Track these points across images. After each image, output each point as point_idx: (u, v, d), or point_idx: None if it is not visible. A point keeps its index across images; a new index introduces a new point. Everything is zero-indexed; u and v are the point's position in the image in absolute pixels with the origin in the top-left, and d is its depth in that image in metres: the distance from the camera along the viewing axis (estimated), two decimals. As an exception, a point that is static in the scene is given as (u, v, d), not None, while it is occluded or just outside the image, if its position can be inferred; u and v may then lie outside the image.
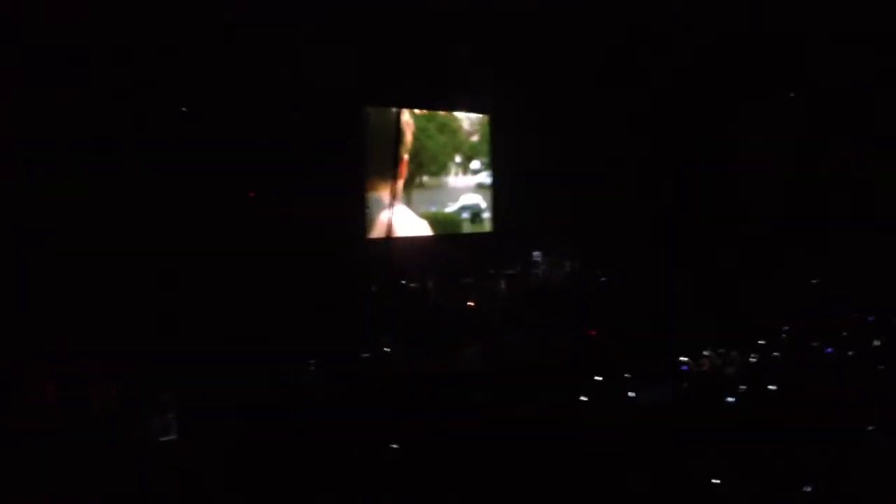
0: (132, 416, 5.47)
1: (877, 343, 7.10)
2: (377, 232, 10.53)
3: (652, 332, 7.73)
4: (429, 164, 11.40)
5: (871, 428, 5.23)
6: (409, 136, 11.06)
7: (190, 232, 7.96)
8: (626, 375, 6.59)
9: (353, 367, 7.18)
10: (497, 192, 11.94)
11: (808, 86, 10.59)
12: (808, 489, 4.46)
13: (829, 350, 6.94)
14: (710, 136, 11.20)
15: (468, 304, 9.40)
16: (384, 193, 10.66)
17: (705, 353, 6.96)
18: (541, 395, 6.23)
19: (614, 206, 11.24)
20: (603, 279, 10.36)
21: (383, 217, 10.60)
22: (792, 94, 10.86)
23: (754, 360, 6.91)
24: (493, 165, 11.95)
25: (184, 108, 8.30)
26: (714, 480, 4.57)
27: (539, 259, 10.82)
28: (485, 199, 11.98)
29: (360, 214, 10.36)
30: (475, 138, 12.04)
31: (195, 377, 6.02)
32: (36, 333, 6.29)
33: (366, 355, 7.51)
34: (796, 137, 10.71)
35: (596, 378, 6.53)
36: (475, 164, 11.95)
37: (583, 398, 6.21)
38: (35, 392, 5.68)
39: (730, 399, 6.10)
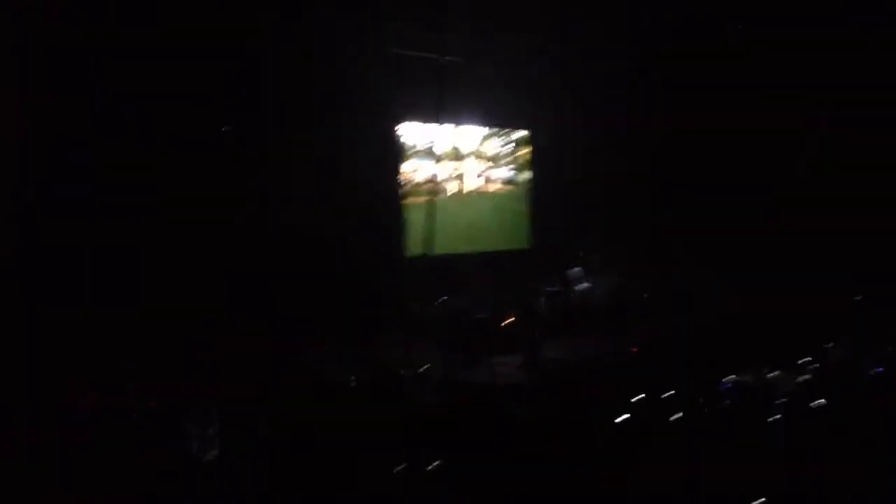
0: (172, 432, 5.50)
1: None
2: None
3: (694, 350, 7.61)
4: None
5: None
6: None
7: (233, 246, 8.10)
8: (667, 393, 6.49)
9: (395, 383, 7.19)
10: (536, 207, 11.91)
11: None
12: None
13: (880, 369, 6.76)
14: (756, 147, 11.02)
15: (508, 319, 9.36)
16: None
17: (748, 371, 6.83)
18: (580, 412, 6.17)
19: (658, 221, 11.14)
20: (646, 295, 10.23)
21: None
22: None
23: (801, 378, 6.76)
24: (534, 181, 11.93)
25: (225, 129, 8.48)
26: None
27: (579, 275, 10.73)
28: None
29: (400, 230, 10.42)
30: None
31: (235, 393, 6.09)
32: (73, 344, 6.41)
33: (405, 372, 7.53)
34: (841, 146, 10.47)
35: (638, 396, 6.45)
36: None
37: (624, 416, 6.14)
38: (73, 402, 5.75)
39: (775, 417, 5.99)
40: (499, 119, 11.64)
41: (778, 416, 5.97)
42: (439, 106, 10.61)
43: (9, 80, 7.16)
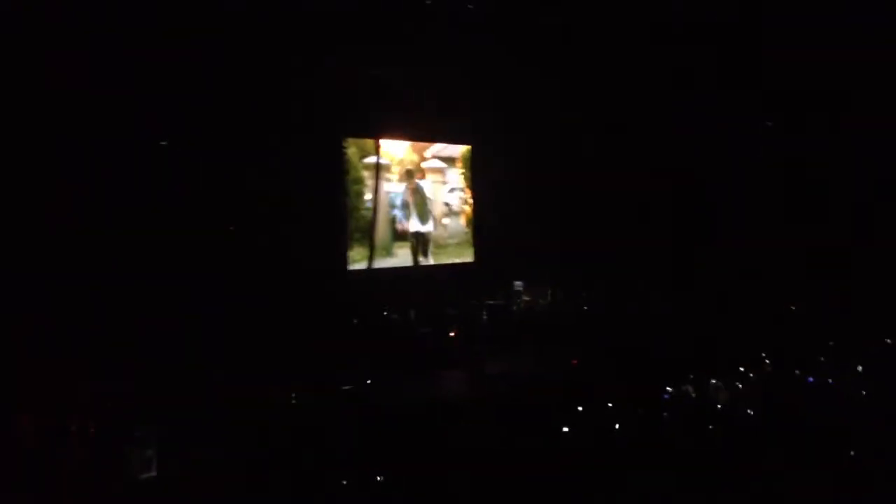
0: (110, 453, 5.36)
1: (858, 369, 7.11)
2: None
3: (634, 361, 7.72)
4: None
5: (852, 453, 5.23)
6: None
7: (172, 259, 7.95)
8: (608, 405, 6.56)
9: (336, 398, 7.12)
10: (478, 221, 11.97)
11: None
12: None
13: (810, 379, 6.95)
14: (695, 160, 11.24)
15: (450, 333, 9.37)
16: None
17: (688, 381, 6.95)
18: (523, 425, 6.19)
19: (596, 233, 11.29)
20: (585, 307, 10.36)
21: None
22: (769, 123, 10.94)
23: (738, 387, 6.90)
24: (474, 195, 11.99)
25: (163, 143, 8.32)
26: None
27: (521, 288, 10.82)
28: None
29: (343, 244, 10.36)
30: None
31: (174, 410, 5.95)
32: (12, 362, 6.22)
33: (347, 387, 7.45)
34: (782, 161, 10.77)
35: (578, 408, 6.51)
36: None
37: (565, 429, 6.18)
38: (13, 427, 5.58)
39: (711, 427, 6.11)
40: (443, 134, 11.67)
41: (714, 426, 6.10)
42: (383, 120, 10.65)
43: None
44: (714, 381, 6.97)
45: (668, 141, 11.18)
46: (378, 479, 5.11)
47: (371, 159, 10.79)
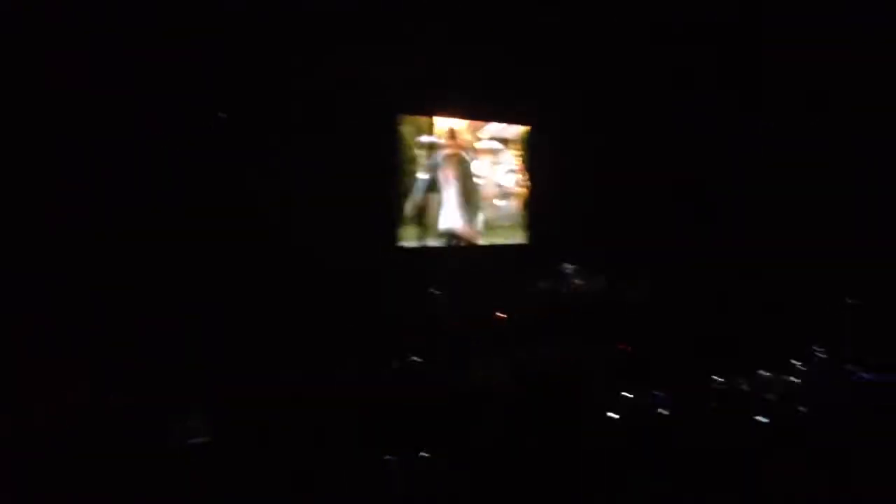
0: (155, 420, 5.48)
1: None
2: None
3: (687, 350, 7.62)
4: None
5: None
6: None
7: (212, 233, 8.08)
8: (655, 393, 6.49)
9: (384, 376, 7.17)
10: (532, 203, 11.89)
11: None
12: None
13: (868, 376, 6.75)
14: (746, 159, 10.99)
15: (499, 315, 9.35)
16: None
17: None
18: (568, 410, 6.17)
19: (653, 220, 11.14)
20: (638, 294, 10.22)
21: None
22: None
23: (793, 381, 6.77)
24: (531, 177, 11.90)
25: (222, 115, 8.44)
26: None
27: (571, 272, 10.73)
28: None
29: (392, 220, 10.39)
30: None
31: (222, 382, 6.07)
32: (48, 333, 6.37)
33: (396, 365, 7.51)
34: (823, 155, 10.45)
35: (626, 394, 6.46)
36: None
37: (612, 415, 6.14)
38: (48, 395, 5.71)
39: (762, 419, 6.02)
40: (499, 113, 11.60)
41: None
42: (437, 98, 10.62)
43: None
44: (766, 374, 6.85)
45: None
46: (424, 455, 5.15)
47: (425, 138, 10.76)
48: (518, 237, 11.82)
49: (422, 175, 10.70)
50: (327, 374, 6.73)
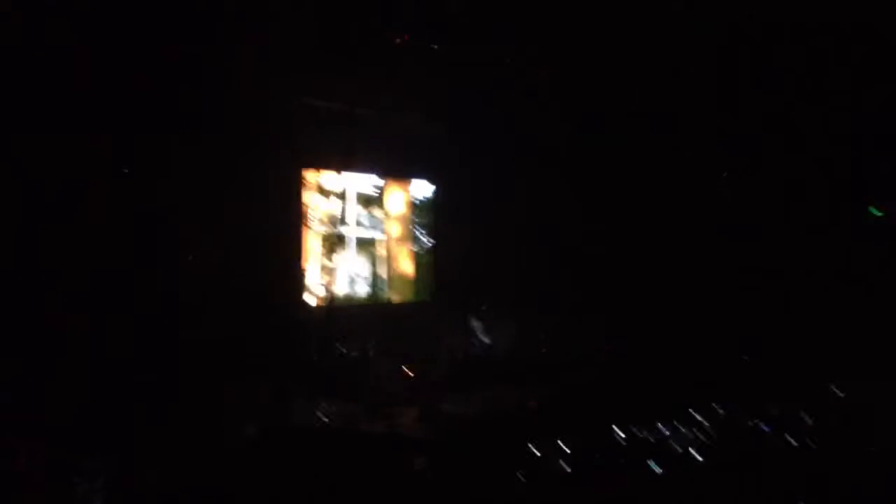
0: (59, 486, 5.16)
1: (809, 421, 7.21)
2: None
3: (593, 403, 7.75)
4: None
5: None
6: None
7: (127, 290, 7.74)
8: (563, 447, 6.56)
9: (292, 433, 7.00)
10: (439, 260, 11.96)
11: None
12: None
13: (767, 428, 7.02)
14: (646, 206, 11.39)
15: (407, 371, 9.29)
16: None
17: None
18: (478, 467, 6.16)
19: (556, 273, 11.36)
20: (544, 350, 10.37)
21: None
22: (725, 174, 11.17)
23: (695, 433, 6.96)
24: (437, 234, 12.00)
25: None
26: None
27: (479, 327, 10.80)
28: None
29: (297, 276, 10.23)
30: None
31: (123, 442, 5.78)
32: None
33: (302, 422, 7.33)
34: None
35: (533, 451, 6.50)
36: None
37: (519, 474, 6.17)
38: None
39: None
40: (402, 170, 11.71)
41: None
42: (343, 155, 10.64)
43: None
44: (670, 425, 7.03)
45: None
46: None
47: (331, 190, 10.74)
48: (425, 294, 11.85)
49: (324, 230, 10.63)
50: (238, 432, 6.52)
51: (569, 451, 6.52)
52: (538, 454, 6.49)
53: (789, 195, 10.33)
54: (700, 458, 6.55)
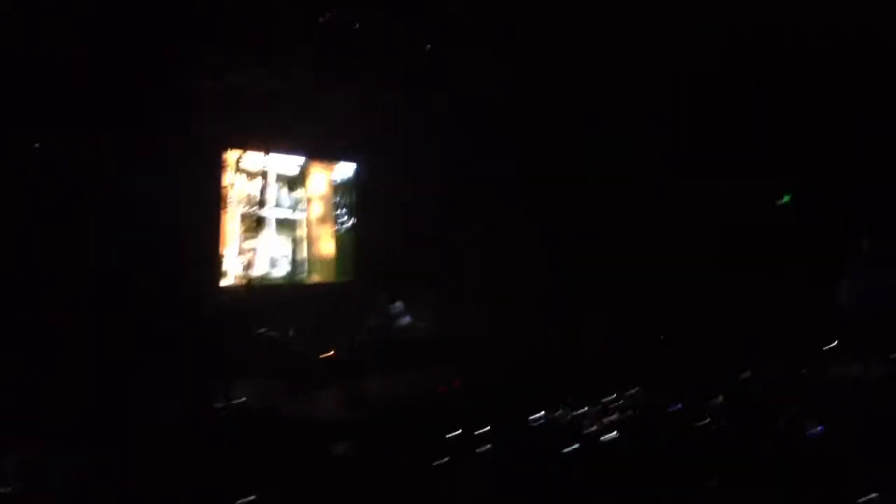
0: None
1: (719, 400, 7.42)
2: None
3: (512, 385, 7.84)
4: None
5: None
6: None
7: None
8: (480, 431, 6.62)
9: (209, 417, 6.89)
10: (361, 240, 11.91)
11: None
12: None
13: (678, 406, 7.21)
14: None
15: (328, 353, 9.26)
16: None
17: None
18: (400, 449, 6.18)
19: (483, 254, 11.43)
20: (468, 330, 10.45)
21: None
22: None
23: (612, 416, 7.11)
24: (359, 215, 11.93)
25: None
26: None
27: (401, 308, 10.83)
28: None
29: (216, 256, 10.04)
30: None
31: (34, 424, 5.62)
32: None
33: (220, 405, 7.23)
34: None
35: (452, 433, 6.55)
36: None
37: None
38: None
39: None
40: (328, 150, 11.58)
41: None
42: (267, 136, 10.45)
43: None
44: (583, 408, 7.17)
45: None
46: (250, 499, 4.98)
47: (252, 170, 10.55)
48: (346, 275, 11.79)
49: (248, 211, 10.46)
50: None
51: (488, 432, 6.60)
52: (460, 435, 6.54)
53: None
54: (613, 439, 6.70)
